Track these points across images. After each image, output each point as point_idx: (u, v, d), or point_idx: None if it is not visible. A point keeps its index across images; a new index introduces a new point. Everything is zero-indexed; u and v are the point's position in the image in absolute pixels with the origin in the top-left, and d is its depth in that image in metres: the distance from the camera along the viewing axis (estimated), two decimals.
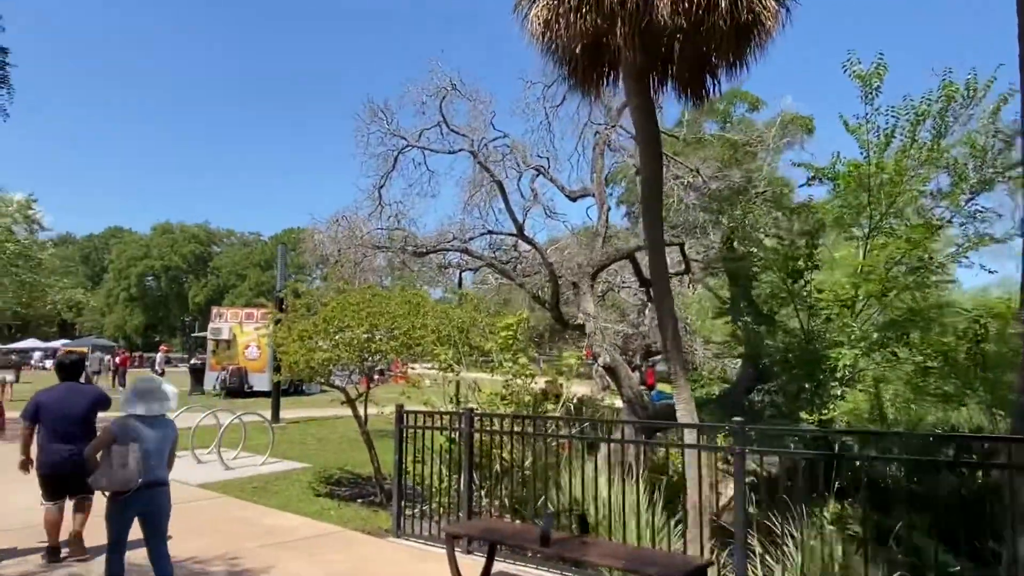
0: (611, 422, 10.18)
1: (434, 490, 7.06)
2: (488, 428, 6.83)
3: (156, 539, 4.57)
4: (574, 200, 15.76)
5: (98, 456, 4.42)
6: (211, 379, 26.86)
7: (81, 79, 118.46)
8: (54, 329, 76.33)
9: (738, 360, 17.70)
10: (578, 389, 21.45)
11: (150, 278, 68.82)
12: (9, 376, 26.75)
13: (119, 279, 67.21)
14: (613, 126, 13.73)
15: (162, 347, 31.98)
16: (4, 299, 13.86)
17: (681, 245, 15.05)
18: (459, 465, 6.76)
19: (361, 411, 9.89)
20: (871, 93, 10.20)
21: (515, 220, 12.76)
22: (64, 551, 5.82)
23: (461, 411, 6.86)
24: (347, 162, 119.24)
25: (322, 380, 9.20)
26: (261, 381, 26.73)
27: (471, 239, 13.19)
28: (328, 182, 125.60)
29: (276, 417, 17.23)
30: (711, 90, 9.70)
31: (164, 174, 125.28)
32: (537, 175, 15.38)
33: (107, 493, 4.39)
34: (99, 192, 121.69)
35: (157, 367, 28.46)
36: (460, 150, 12.61)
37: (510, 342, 6.98)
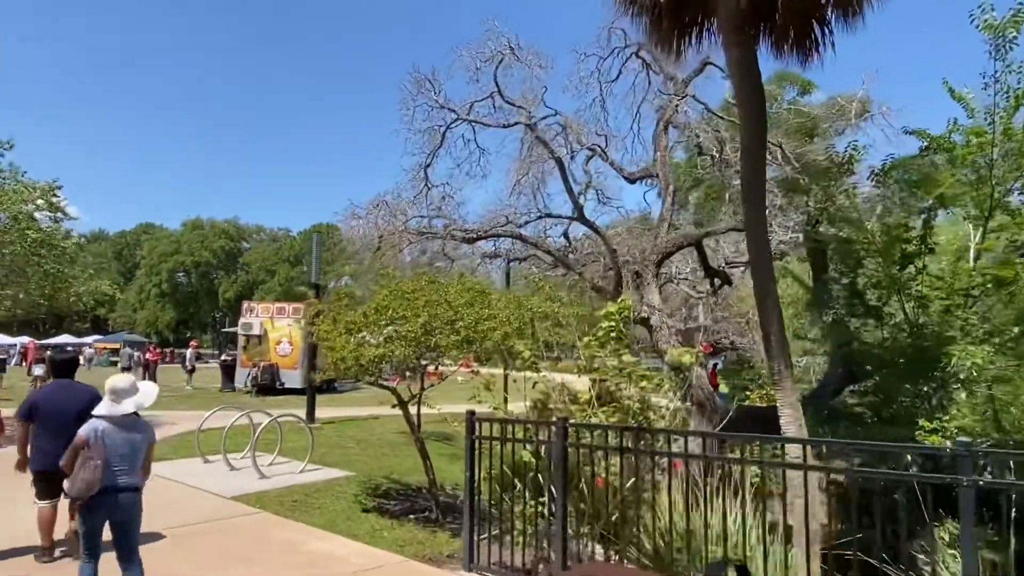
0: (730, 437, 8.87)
1: (515, 513, 5.83)
2: (586, 442, 5.59)
3: (124, 548, 4.45)
4: (633, 182, 14.43)
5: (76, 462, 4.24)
6: (242, 376, 26.02)
7: (106, 76, 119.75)
8: (87, 325, 77.08)
9: (804, 358, 16.24)
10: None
11: (181, 274, 68.83)
12: (39, 371, 26.41)
13: (150, 275, 67.31)
14: (683, 96, 12.34)
15: (192, 343, 31.34)
16: (27, 289, 13.00)
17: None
18: (547, 486, 5.53)
19: (409, 410, 8.69)
20: (1004, 47, 8.71)
21: (575, 201, 11.50)
22: (59, 551, 5.89)
23: (553, 420, 5.62)
24: (377, 158, 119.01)
25: (371, 379, 8.02)
26: (293, 378, 25.89)
27: (526, 223, 11.95)
28: (358, 179, 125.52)
29: (311, 417, 16.20)
30: (820, 43, 8.38)
31: (193, 170, 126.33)
32: (591, 156, 14.10)
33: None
34: (130, 189, 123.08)
35: (188, 363, 27.75)
36: (515, 123, 11.38)
37: (612, 336, 5.68)
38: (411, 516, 8.41)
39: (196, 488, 8.89)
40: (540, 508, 5.63)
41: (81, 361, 33.39)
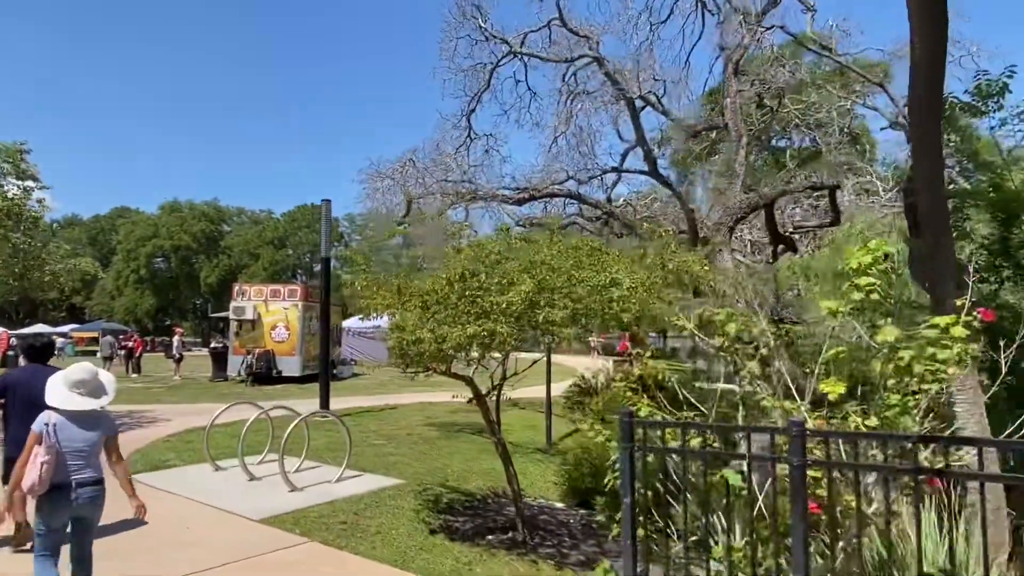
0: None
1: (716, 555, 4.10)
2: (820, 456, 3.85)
3: (78, 546, 4.27)
4: (696, 135, 12.65)
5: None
6: (234, 364, 24.05)
7: (71, 55, 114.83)
8: (63, 314, 73.95)
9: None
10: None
11: (160, 259, 65.90)
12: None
13: (128, 260, 64.35)
14: (767, 28, 10.56)
15: (177, 329, 29.16)
16: None
17: (833, 188, 11.99)
18: (766, 520, 3.82)
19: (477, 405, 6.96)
20: None
21: (647, 152, 9.72)
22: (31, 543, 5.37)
23: (775, 427, 3.88)
24: (361, 137, 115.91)
25: (441, 369, 6.25)
26: (291, 365, 24.04)
27: (590, 178, 10.16)
28: (343, 158, 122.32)
29: (326, 408, 14.38)
30: None
31: (167, 152, 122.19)
32: (643, 108, 12.30)
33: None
34: (103, 173, 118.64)
35: (175, 351, 25.68)
36: (579, 57, 9.56)
37: (873, 297, 3.80)
38: (490, 537, 6.70)
39: (215, 508, 7.08)
40: (747, 550, 3.91)
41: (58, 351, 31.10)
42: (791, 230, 13.49)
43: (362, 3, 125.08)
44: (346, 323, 33.80)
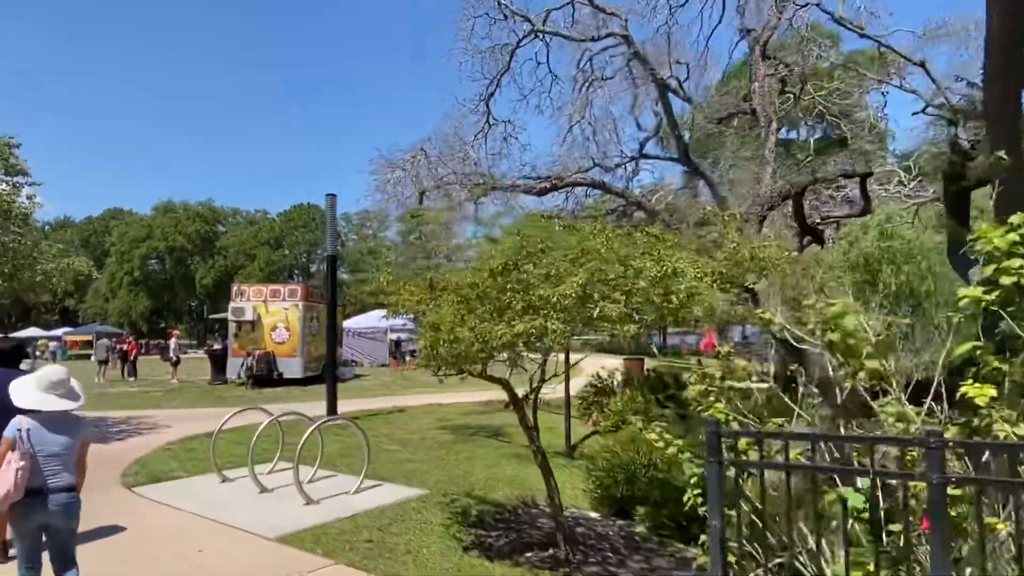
0: None
1: None
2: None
3: (59, 558, 4.07)
4: (719, 122, 12.09)
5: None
6: (234, 366, 23.39)
7: (65, 52, 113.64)
8: (56, 317, 73.00)
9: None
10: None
11: (154, 260, 65.07)
12: (24, 366, 23.65)
13: (121, 262, 63.45)
14: (801, 4, 9.99)
15: (173, 331, 28.46)
16: None
17: (865, 176, 11.45)
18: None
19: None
20: None
21: (678, 137, 9.15)
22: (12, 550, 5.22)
23: (912, 437, 3.28)
24: (359, 136, 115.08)
25: (477, 371, 5.66)
26: (292, 367, 23.39)
27: (617, 165, 9.57)
28: (339, 157, 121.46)
29: (333, 412, 13.77)
30: None
31: (160, 153, 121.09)
32: (664, 92, 11.73)
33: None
34: (95, 174, 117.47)
35: (172, 354, 25.01)
36: (607, 35, 8.98)
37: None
38: (529, 554, 6.12)
39: (226, 525, 6.47)
40: None
41: (40, 354, 30.26)
42: (817, 221, 12.95)
43: (358, 2, 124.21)
44: (347, 323, 33.18)
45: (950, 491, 3.13)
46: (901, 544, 3.49)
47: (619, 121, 11.92)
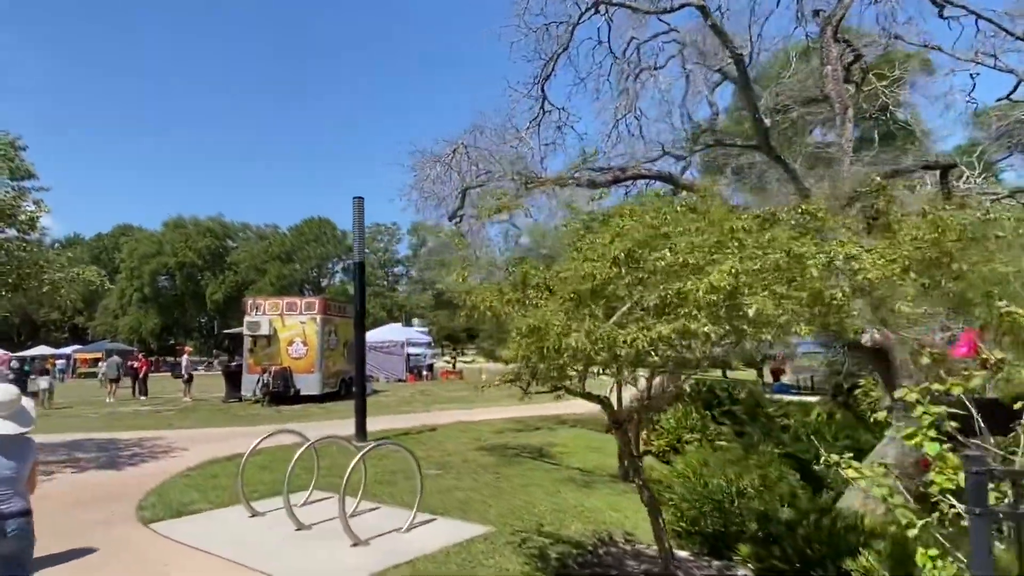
0: None
1: None
2: None
3: None
4: (783, 111, 11.06)
5: None
6: (249, 383, 22.38)
7: (76, 73, 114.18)
8: (65, 335, 72.37)
9: None
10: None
11: (164, 276, 64.40)
12: (43, 383, 22.80)
13: (131, 279, 62.79)
14: None
15: (185, 349, 27.47)
16: None
17: (948, 167, 10.39)
18: None
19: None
20: None
21: (758, 121, 8.15)
22: None
23: None
24: (364, 147, 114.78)
25: (575, 387, 4.62)
26: (310, 383, 22.36)
27: (693, 152, 8.55)
28: (350, 171, 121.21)
29: (363, 433, 12.73)
30: None
31: (166, 170, 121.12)
32: (720, 82, 10.75)
33: None
34: (103, 191, 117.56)
35: (184, 371, 24.04)
36: (681, 6, 8.01)
37: None
38: None
39: (262, 574, 5.41)
40: None
41: (48, 372, 29.38)
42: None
43: (370, 19, 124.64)
44: None
45: None
46: None
47: (668, 114, 10.88)
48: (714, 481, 7.58)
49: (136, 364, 26.33)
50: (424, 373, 35.41)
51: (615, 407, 5.10)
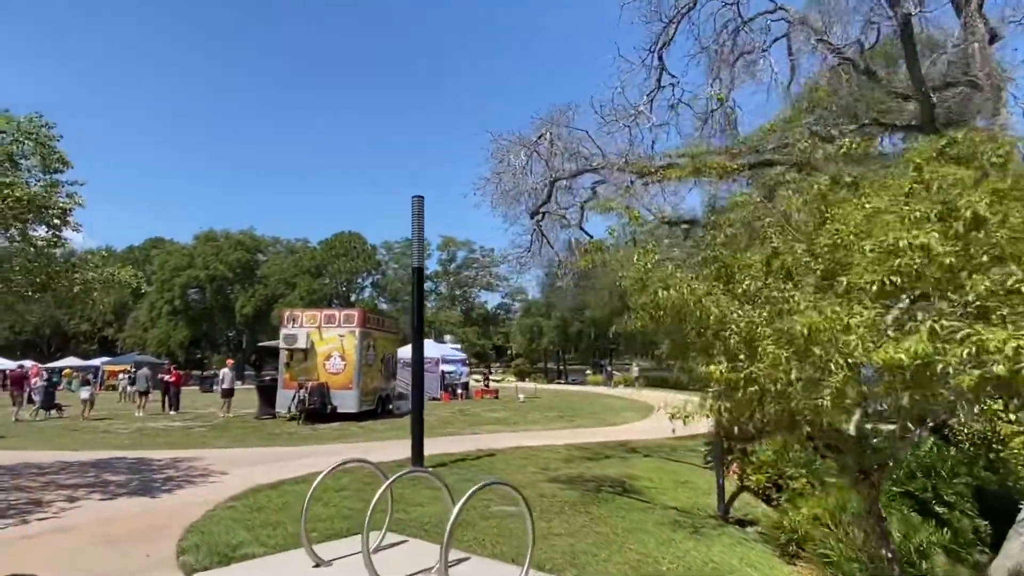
0: None
1: None
2: None
3: None
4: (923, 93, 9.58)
5: None
6: (284, 398, 21.19)
7: (109, 87, 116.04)
8: (94, 346, 72.40)
9: None
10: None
11: (194, 289, 64.09)
12: (84, 393, 22.84)
13: (162, 291, 62.54)
14: None
15: (228, 361, 26.23)
16: (7, 276, 8.25)
17: None
18: None
19: None
20: None
21: (924, 95, 6.75)
22: None
23: None
24: (398, 162, 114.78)
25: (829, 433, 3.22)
26: (346, 400, 21.10)
27: (853, 130, 7.16)
28: (379, 187, 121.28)
29: (419, 459, 11.38)
30: None
31: (198, 185, 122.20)
32: (839, 62, 9.36)
33: None
34: (135, 204, 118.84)
35: (226, 384, 22.95)
36: None
37: None
38: None
39: None
40: None
41: (67, 383, 28.50)
42: None
43: (409, 41, 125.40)
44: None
45: None
46: None
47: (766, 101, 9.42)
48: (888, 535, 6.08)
49: (168, 377, 25.31)
50: (459, 391, 34.02)
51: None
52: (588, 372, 64.28)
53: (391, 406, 24.52)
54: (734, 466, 12.19)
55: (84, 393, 23.09)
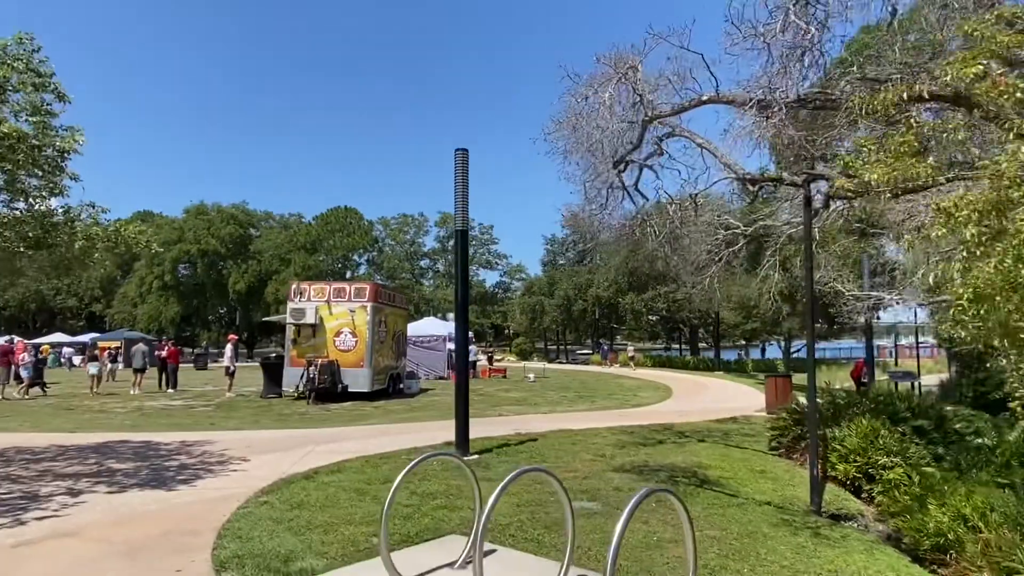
0: None
1: None
2: None
3: None
4: None
5: None
6: (291, 377, 19.88)
7: (99, 61, 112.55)
8: (82, 322, 70.45)
9: None
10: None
11: (185, 264, 62.19)
12: (93, 369, 22.26)
13: (151, 266, 60.59)
14: None
15: (230, 337, 24.73)
16: None
17: None
18: None
19: None
20: None
21: None
22: None
23: None
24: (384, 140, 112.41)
25: None
26: (358, 379, 19.83)
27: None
28: (370, 162, 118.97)
29: (465, 445, 10.15)
30: None
31: (189, 156, 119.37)
32: None
33: None
34: (122, 178, 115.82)
35: (227, 362, 21.56)
36: None
37: None
38: None
39: None
40: None
41: (77, 362, 27.24)
42: None
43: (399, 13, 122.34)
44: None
45: None
46: None
47: None
48: None
49: (164, 354, 23.92)
50: (472, 369, 32.79)
51: None
52: (586, 352, 63.37)
53: (401, 385, 23.27)
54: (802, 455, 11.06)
55: (92, 369, 22.32)
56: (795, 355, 41.72)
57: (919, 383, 23.16)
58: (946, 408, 13.26)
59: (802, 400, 13.05)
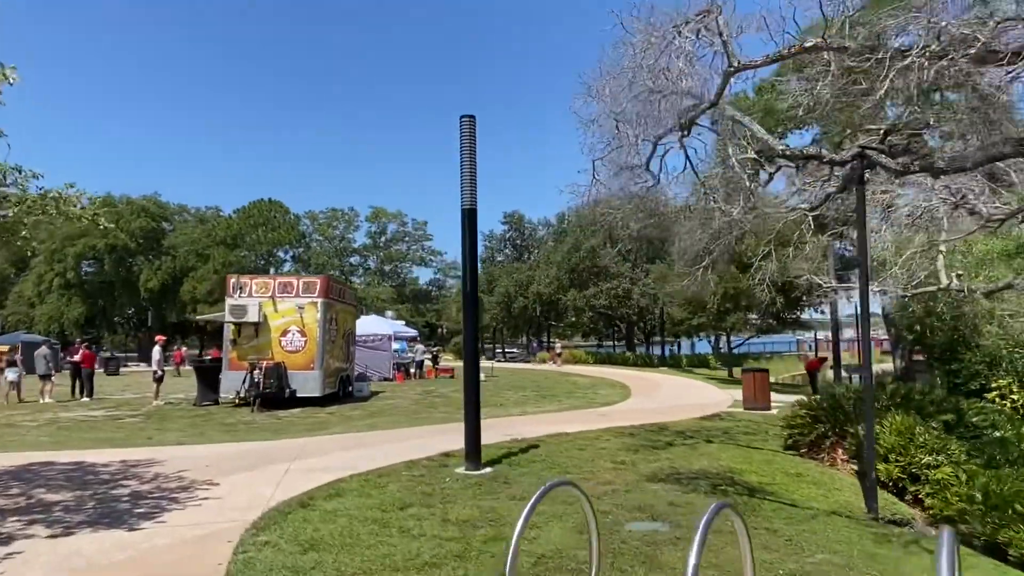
0: None
1: None
2: None
3: None
4: None
5: None
6: (232, 381, 17.74)
7: None
8: None
9: None
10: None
11: (90, 261, 56.98)
12: (12, 375, 20.04)
13: (51, 263, 55.10)
14: None
15: (158, 337, 21.84)
16: None
17: None
18: None
19: None
20: None
21: None
22: None
23: None
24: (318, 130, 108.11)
25: None
26: (308, 382, 17.93)
27: None
28: (290, 155, 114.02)
29: (476, 456, 8.83)
30: None
31: (98, 143, 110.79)
32: None
33: None
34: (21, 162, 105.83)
35: (156, 367, 19.08)
36: None
37: None
38: None
39: None
40: None
41: None
42: None
43: None
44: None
45: None
46: None
47: None
48: None
49: (78, 358, 21.13)
50: (412, 371, 31.14)
51: None
52: (513, 352, 62.32)
53: (351, 388, 21.46)
54: (838, 452, 10.39)
55: (11, 375, 19.83)
56: (735, 351, 42.25)
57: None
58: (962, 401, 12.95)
59: (802, 399, 12.49)
